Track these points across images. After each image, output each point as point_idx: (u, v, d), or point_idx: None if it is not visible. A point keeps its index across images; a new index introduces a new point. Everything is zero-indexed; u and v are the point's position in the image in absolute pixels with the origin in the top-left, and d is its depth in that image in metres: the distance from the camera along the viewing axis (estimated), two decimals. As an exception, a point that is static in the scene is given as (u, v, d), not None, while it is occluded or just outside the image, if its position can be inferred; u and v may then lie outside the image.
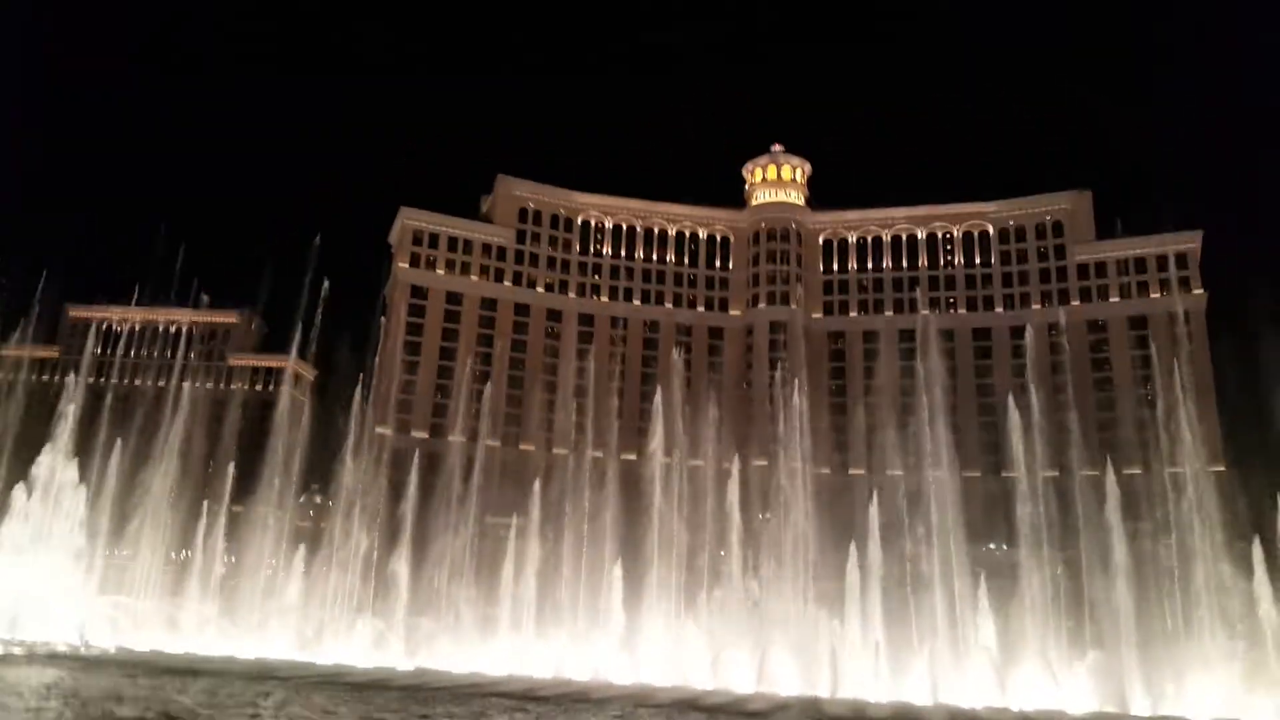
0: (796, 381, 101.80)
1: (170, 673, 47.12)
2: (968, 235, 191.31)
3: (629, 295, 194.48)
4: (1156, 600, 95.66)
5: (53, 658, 50.30)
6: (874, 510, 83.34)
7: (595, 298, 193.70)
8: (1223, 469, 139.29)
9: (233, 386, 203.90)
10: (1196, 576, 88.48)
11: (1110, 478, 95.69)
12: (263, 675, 51.08)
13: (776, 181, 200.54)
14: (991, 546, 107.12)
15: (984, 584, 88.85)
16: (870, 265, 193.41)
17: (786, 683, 77.28)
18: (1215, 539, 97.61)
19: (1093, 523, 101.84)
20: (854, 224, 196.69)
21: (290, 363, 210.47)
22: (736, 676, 77.39)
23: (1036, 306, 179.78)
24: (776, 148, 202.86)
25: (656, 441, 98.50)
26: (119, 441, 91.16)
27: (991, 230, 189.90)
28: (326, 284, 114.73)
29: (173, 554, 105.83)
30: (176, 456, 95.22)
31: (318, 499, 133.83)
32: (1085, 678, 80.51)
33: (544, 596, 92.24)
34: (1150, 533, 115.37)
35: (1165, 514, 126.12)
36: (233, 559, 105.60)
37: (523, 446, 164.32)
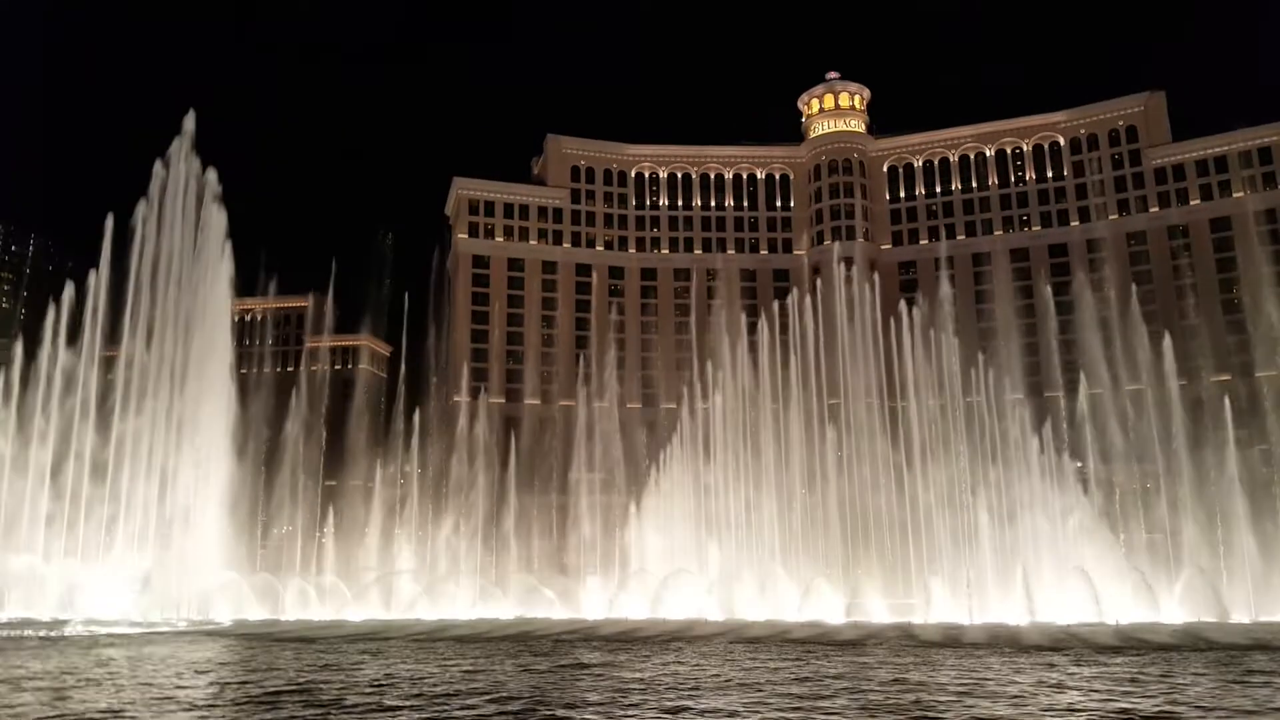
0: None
1: (313, 641, 49.39)
2: (1038, 149, 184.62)
3: (689, 245, 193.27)
4: (1255, 511, 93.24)
5: (178, 635, 53.09)
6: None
7: (656, 251, 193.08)
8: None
9: (312, 368, 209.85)
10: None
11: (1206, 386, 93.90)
12: (373, 635, 53.19)
13: (835, 111, 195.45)
14: (1079, 464, 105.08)
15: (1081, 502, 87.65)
16: (939, 189, 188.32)
17: (879, 614, 77.63)
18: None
19: (1189, 435, 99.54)
20: (919, 148, 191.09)
21: (365, 341, 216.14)
22: (827, 609, 77.97)
23: (1113, 217, 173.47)
24: (832, 75, 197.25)
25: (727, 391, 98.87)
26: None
27: (1062, 141, 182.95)
28: (391, 261, 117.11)
29: (274, 530, 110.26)
30: (269, 437, 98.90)
31: (405, 468, 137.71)
32: (1181, 591, 79.27)
33: (633, 545, 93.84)
34: (1245, 440, 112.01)
35: (1261, 421, 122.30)
36: (328, 530, 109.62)
37: (597, 404, 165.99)
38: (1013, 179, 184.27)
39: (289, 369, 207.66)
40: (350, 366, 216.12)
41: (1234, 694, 24.94)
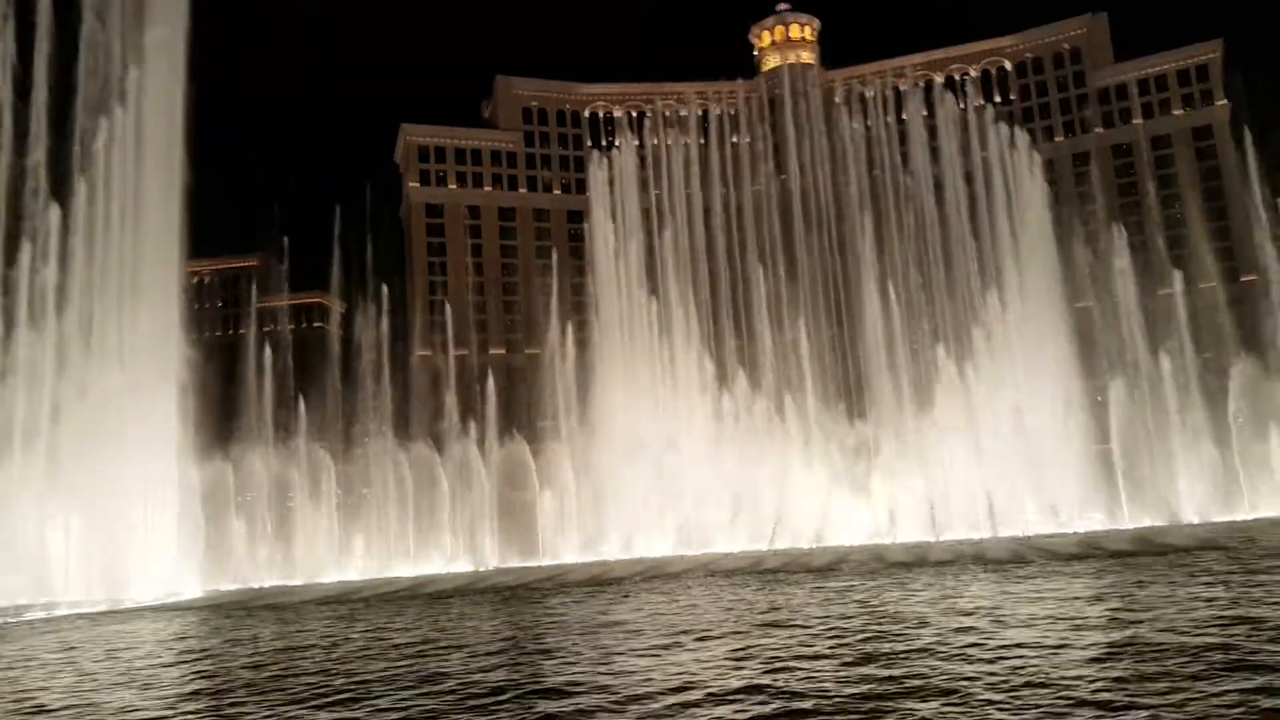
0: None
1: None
2: (985, 74, 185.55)
3: (646, 185, 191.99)
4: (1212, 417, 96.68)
5: (143, 612, 53.25)
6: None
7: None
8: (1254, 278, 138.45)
9: (265, 329, 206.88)
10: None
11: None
12: (345, 596, 53.98)
13: (785, 43, 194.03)
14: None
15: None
16: (890, 118, 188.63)
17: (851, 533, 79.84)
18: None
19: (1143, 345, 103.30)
20: (869, 76, 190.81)
21: (319, 298, 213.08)
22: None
23: (1060, 139, 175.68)
24: (783, 6, 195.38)
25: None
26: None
27: (1009, 66, 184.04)
28: (340, 212, 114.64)
29: (241, 497, 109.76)
30: (231, 402, 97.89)
31: (371, 426, 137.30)
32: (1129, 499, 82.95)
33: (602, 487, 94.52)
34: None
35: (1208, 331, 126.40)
36: (294, 496, 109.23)
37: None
38: (963, 105, 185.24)
39: (239, 331, 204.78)
40: (305, 325, 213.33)
41: (1185, 588, 26.80)
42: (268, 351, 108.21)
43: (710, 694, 15.17)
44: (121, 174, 69.73)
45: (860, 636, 21.40)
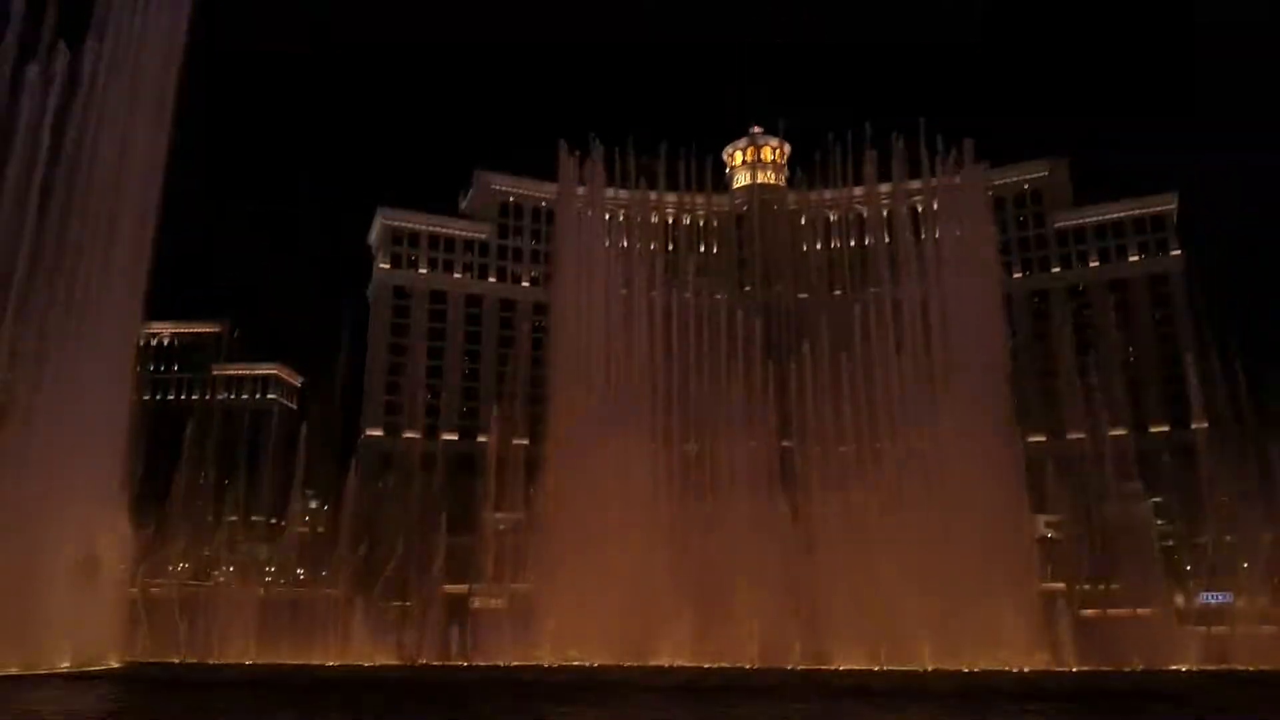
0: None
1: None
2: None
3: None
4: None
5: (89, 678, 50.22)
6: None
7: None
8: (1205, 426, 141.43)
9: (218, 396, 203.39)
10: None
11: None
12: (252, 679, 51.30)
13: (756, 163, 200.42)
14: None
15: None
16: (852, 243, 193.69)
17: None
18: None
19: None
20: (833, 202, 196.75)
21: (275, 370, 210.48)
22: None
23: (1019, 275, 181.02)
24: (755, 130, 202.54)
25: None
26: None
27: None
28: (307, 289, 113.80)
29: (171, 567, 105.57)
30: (173, 471, 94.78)
31: (312, 504, 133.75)
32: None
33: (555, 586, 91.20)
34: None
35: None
36: (229, 569, 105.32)
37: (515, 441, 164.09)
38: (923, 234, 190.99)
39: (194, 397, 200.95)
40: (259, 396, 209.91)
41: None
42: (216, 421, 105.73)
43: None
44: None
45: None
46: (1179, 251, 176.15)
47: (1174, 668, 74.24)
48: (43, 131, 67.57)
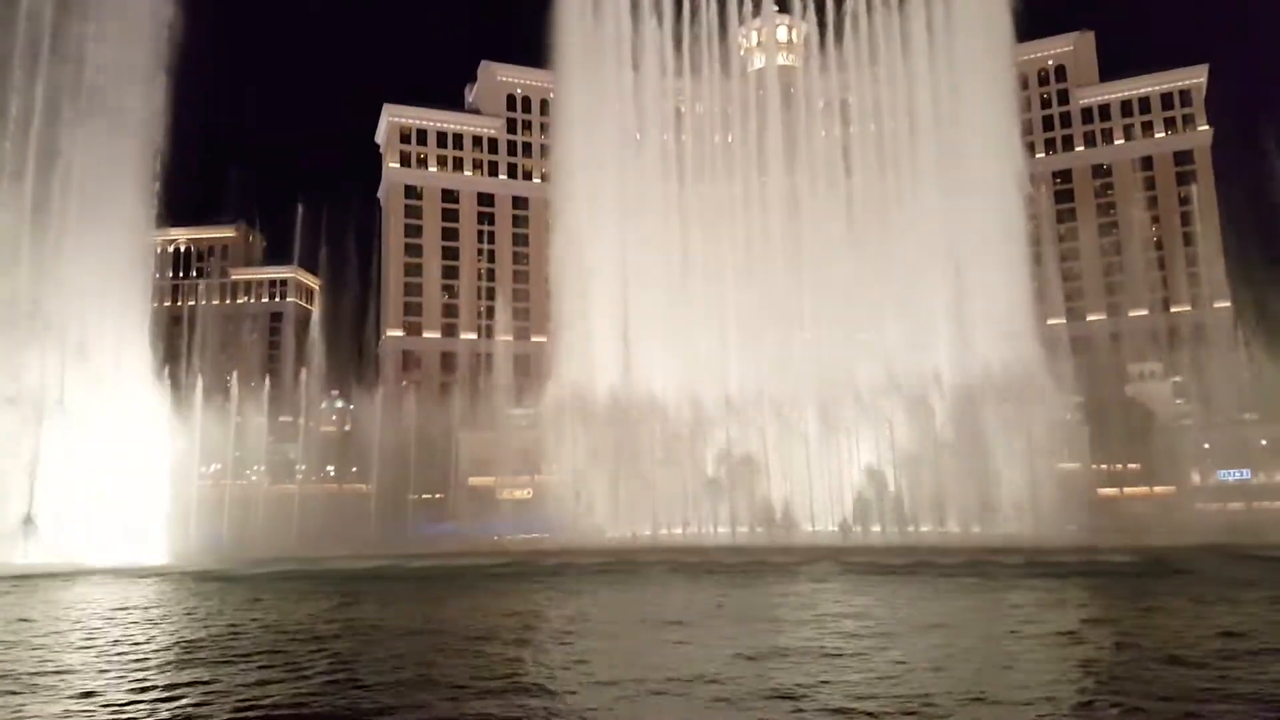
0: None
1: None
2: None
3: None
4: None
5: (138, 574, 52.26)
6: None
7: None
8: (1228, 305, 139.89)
9: (239, 301, 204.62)
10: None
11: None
12: (296, 573, 53.24)
13: (773, 44, 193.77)
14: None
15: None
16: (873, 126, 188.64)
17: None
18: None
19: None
20: (852, 83, 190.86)
21: (293, 273, 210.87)
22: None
23: (1041, 155, 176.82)
24: (772, 8, 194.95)
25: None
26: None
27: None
28: (319, 189, 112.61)
29: (204, 468, 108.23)
30: (197, 374, 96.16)
31: (339, 404, 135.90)
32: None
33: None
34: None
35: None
36: (260, 469, 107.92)
37: (535, 339, 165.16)
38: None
39: (215, 302, 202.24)
40: (279, 299, 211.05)
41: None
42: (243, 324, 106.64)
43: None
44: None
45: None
46: (1207, 127, 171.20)
47: (1186, 545, 75.40)
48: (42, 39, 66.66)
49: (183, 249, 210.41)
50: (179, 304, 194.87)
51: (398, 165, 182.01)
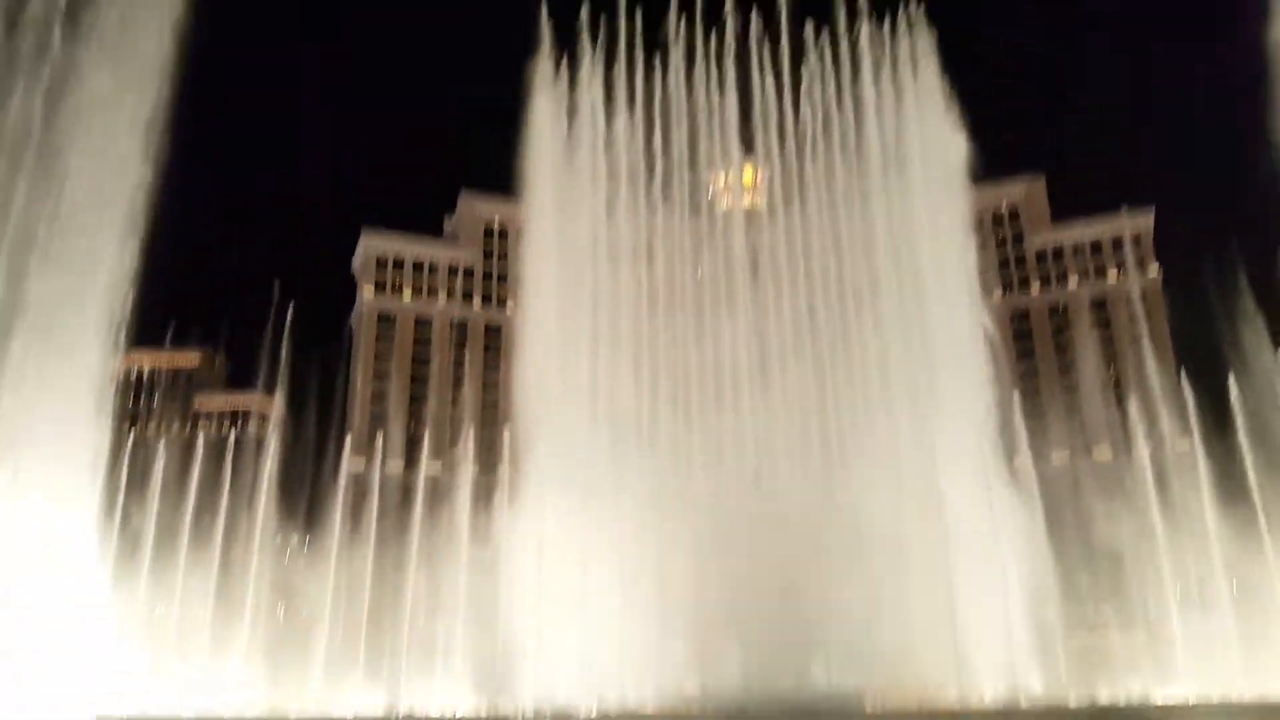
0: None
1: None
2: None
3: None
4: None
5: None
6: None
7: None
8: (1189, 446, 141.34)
9: (200, 429, 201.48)
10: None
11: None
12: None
13: (739, 186, 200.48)
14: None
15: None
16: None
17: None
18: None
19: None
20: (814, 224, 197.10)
21: (258, 400, 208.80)
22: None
23: (999, 295, 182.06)
24: (739, 153, 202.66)
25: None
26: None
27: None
28: (290, 316, 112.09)
29: (155, 608, 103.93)
30: (153, 505, 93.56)
31: (294, 539, 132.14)
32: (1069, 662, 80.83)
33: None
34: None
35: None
36: (210, 608, 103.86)
37: (501, 471, 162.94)
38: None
39: (175, 428, 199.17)
40: (242, 428, 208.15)
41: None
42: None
43: None
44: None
45: None
46: (1157, 267, 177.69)
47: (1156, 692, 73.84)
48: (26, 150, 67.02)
49: (145, 374, 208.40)
50: (144, 429, 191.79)
51: (372, 292, 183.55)
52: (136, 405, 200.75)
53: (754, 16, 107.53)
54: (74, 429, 67.43)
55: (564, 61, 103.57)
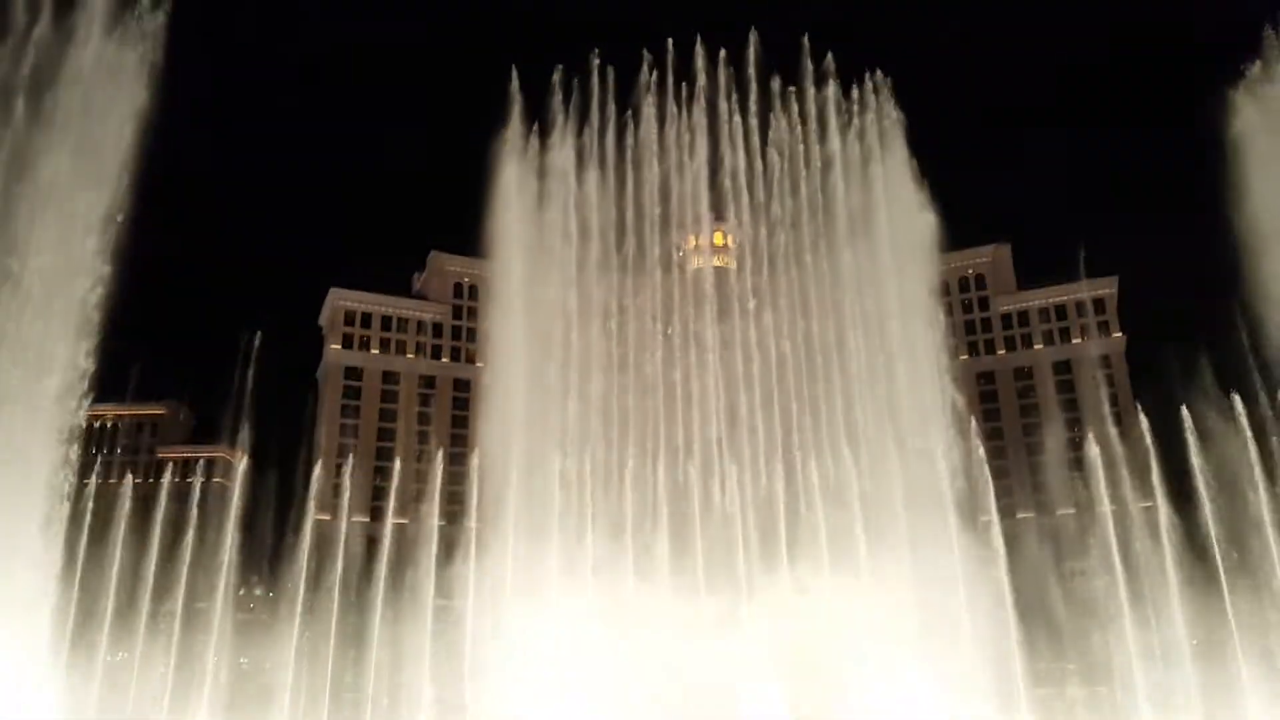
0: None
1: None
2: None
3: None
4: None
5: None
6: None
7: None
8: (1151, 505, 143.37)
9: (163, 480, 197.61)
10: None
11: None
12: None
13: (710, 248, 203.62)
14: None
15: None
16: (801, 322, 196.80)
17: None
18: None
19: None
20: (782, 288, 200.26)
21: (222, 452, 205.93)
22: None
23: (964, 358, 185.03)
24: (709, 216, 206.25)
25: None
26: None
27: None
28: (253, 371, 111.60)
29: (109, 657, 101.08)
30: (113, 556, 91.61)
31: (257, 591, 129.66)
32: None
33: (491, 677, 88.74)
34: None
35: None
36: (171, 661, 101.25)
37: (467, 524, 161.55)
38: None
39: (138, 479, 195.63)
40: (206, 479, 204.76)
41: None
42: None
43: None
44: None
45: None
46: (1120, 334, 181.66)
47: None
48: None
49: (108, 425, 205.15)
50: (106, 481, 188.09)
51: (339, 347, 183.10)
52: (99, 453, 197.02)
53: (721, 75, 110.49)
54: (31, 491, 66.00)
55: (534, 125, 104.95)
